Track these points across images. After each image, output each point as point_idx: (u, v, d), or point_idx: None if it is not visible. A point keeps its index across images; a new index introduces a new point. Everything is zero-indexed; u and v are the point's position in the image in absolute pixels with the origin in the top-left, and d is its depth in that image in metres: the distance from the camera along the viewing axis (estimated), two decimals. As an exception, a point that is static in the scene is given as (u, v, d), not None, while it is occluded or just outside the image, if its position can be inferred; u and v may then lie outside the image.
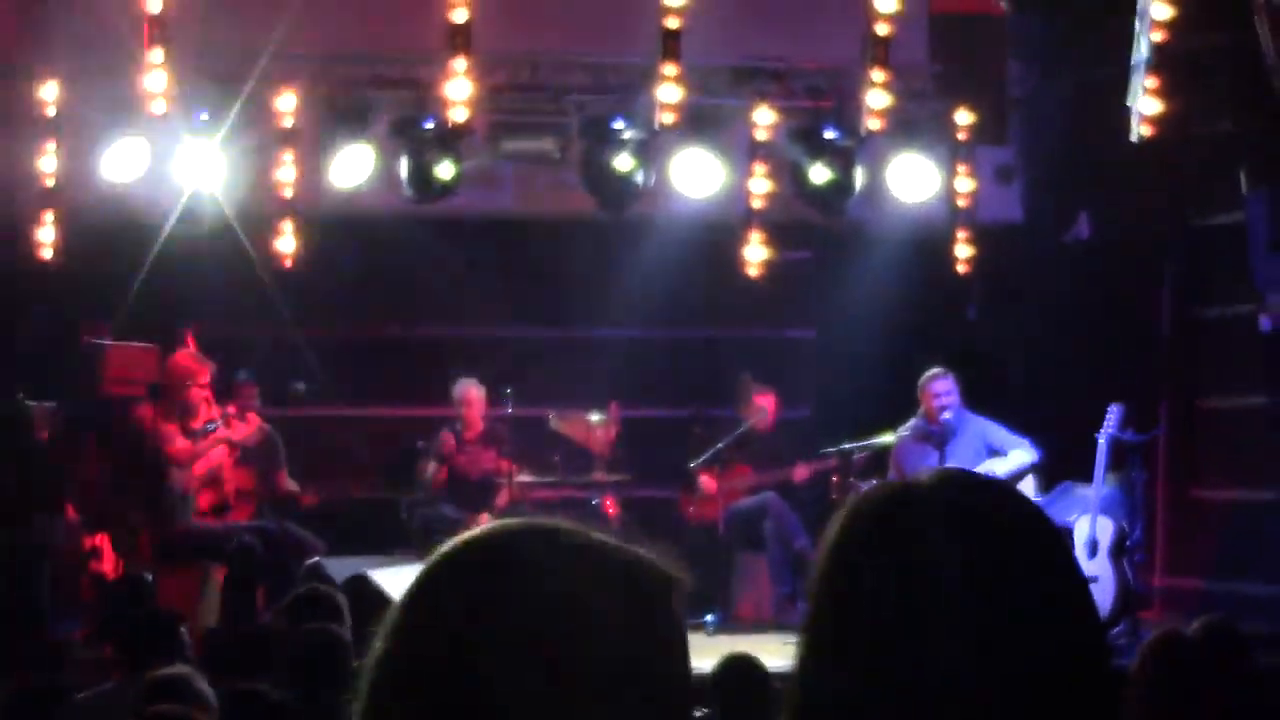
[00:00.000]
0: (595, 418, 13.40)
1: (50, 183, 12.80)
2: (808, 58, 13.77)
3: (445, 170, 12.99)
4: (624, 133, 13.21)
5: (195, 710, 5.56)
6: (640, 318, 14.32)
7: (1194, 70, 12.49)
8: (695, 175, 13.37)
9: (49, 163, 12.75)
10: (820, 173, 13.48)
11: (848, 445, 12.71)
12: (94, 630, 10.72)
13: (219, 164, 12.63)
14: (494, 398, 13.47)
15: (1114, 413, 12.02)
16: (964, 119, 13.72)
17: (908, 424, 12.62)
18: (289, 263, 13.19)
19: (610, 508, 13.28)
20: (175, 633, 7.45)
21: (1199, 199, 13.73)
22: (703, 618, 12.32)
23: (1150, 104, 12.34)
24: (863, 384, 13.50)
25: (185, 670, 6.20)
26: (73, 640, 11.13)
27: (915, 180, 13.60)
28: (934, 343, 13.34)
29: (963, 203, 13.84)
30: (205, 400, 12.37)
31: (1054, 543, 1.86)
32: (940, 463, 12.12)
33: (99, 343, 12.90)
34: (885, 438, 12.60)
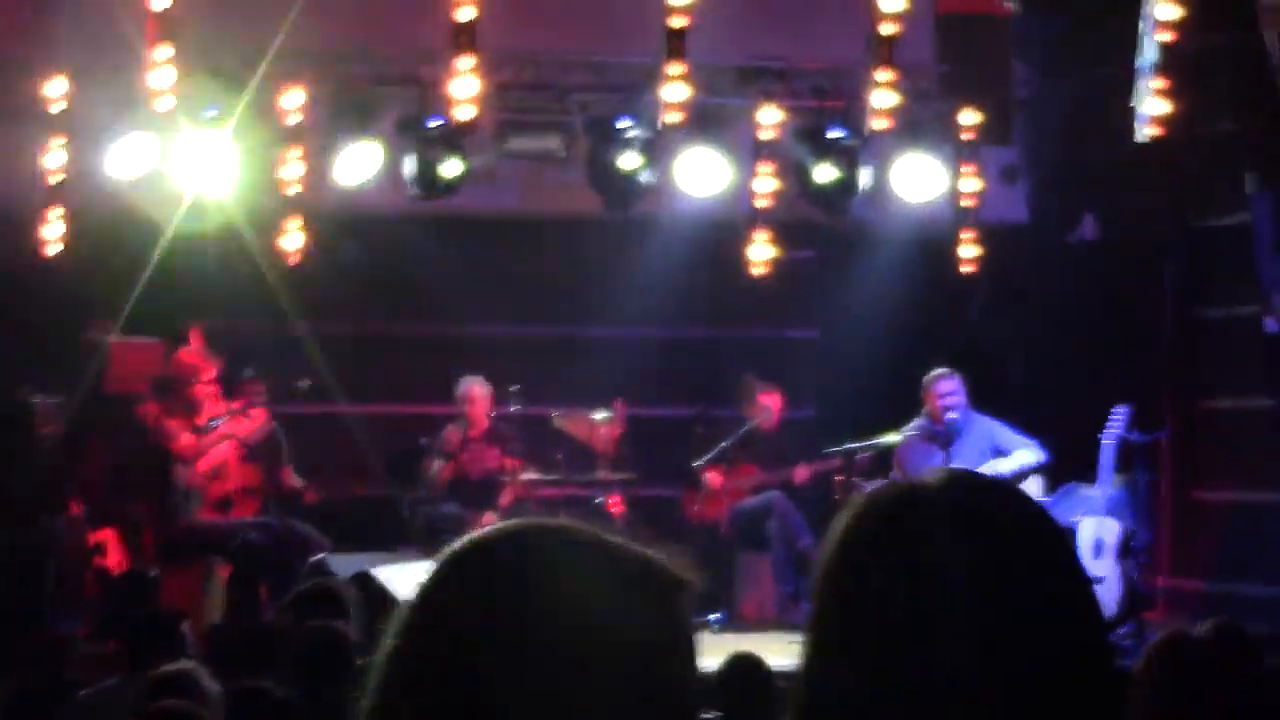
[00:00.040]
0: (599, 416, 13.38)
1: (56, 179, 12.80)
2: (813, 57, 13.78)
3: (450, 168, 12.99)
4: (629, 131, 13.21)
5: (199, 706, 5.56)
6: (644, 316, 14.30)
7: (1199, 71, 12.49)
8: (700, 174, 13.36)
9: (55, 159, 12.75)
10: (825, 172, 13.48)
11: (852, 445, 12.69)
12: (98, 627, 10.71)
13: (225, 161, 12.63)
14: (498, 396, 13.47)
15: (1120, 413, 12.02)
16: (969, 119, 13.71)
17: (912, 424, 12.61)
18: (294, 260, 13.20)
19: (614, 506, 13.27)
20: (176, 630, 7.46)
21: (1203, 200, 13.73)
22: (706, 616, 12.32)
23: (1155, 104, 12.34)
24: (867, 384, 13.49)
25: (189, 666, 6.20)
26: (76, 637, 11.11)
27: (920, 180, 13.60)
28: (938, 343, 13.34)
29: (967, 203, 13.84)
30: (210, 397, 12.38)
31: (1059, 543, 1.87)
32: (945, 463, 12.12)
33: (104, 339, 12.91)
34: (889, 438, 12.58)
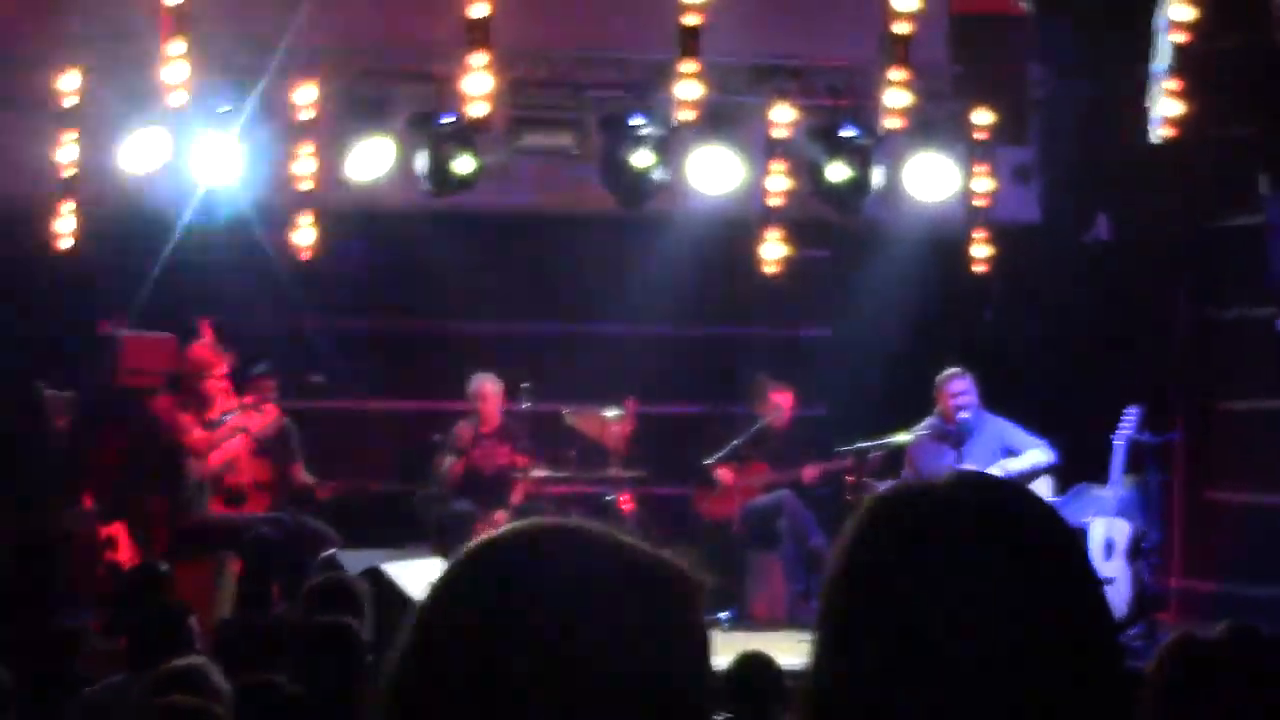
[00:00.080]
0: (611, 414, 13.37)
1: (69, 173, 12.80)
2: (827, 56, 13.77)
3: (463, 165, 12.99)
4: (642, 129, 13.20)
5: (209, 702, 5.56)
6: (656, 314, 14.30)
7: (1214, 72, 12.47)
8: (713, 172, 13.35)
9: (67, 153, 12.76)
10: (838, 171, 13.46)
11: (863, 444, 12.67)
12: (109, 622, 10.72)
13: (237, 156, 12.64)
14: (510, 393, 13.47)
15: (1132, 414, 12.01)
16: (983, 119, 13.69)
17: (924, 423, 12.61)
18: (306, 255, 13.21)
19: (625, 504, 13.26)
20: (183, 625, 7.43)
21: (1218, 201, 13.70)
22: (717, 614, 12.32)
23: (1170, 106, 12.32)
24: (878, 383, 13.49)
25: (199, 662, 6.19)
26: (87, 631, 11.12)
27: (933, 180, 13.58)
28: (950, 342, 13.32)
29: (980, 203, 13.82)
30: (222, 391, 12.38)
31: (1069, 544, 1.87)
32: (957, 462, 12.11)
33: (116, 333, 12.92)
34: (901, 437, 12.57)
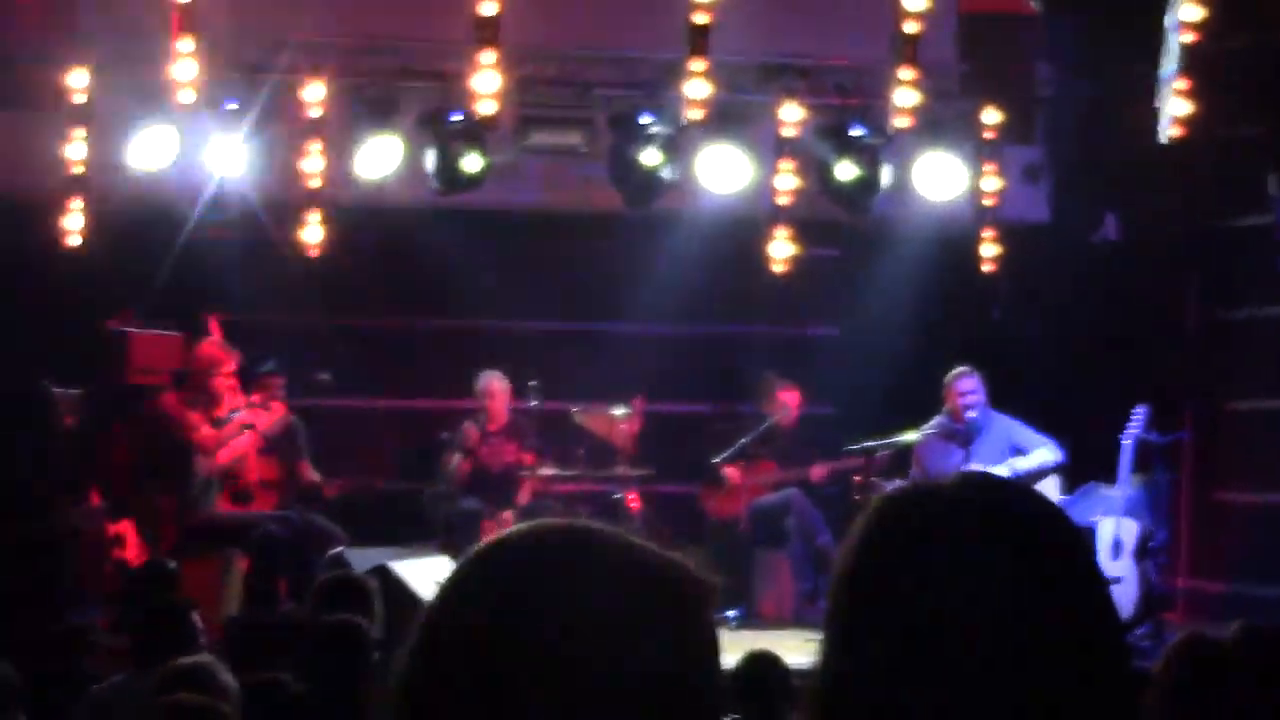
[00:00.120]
0: (618, 412, 13.35)
1: (78, 170, 12.82)
2: (835, 55, 13.76)
3: (472, 163, 12.99)
4: (651, 128, 13.20)
5: (216, 700, 5.56)
6: (665, 313, 14.29)
7: (1222, 72, 12.46)
8: (722, 171, 13.35)
9: (77, 150, 12.78)
10: (846, 170, 13.46)
11: (871, 443, 12.65)
12: (116, 618, 10.72)
13: (246, 153, 12.66)
14: (518, 391, 13.47)
15: (1140, 413, 12.00)
16: (991, 118, 13.69)
17: (932, 422, 12.59)
18: (315, 253, 13.22)
19: (632, 502, 13.26)
20: (186, 622, 7.41)
21: (1226, 200, 13.69)
22: (724, 613, 12.31)
23: (1179, 105, 12.31)
24: (886, 382, 13.46)
25: (206, 660, 6.20)
26: (94, 628, 11.12)
27: (941, 179, 13.58)
28: (958, 341, 13.30)
29: (989, 202, 13.82)
30: (230, 389, 12.38)
31: (1075, 544, 1.87)
32: (965, 462, 12.11)
33: (124, 330, 12.92)
34: (909, 436, 12.55)
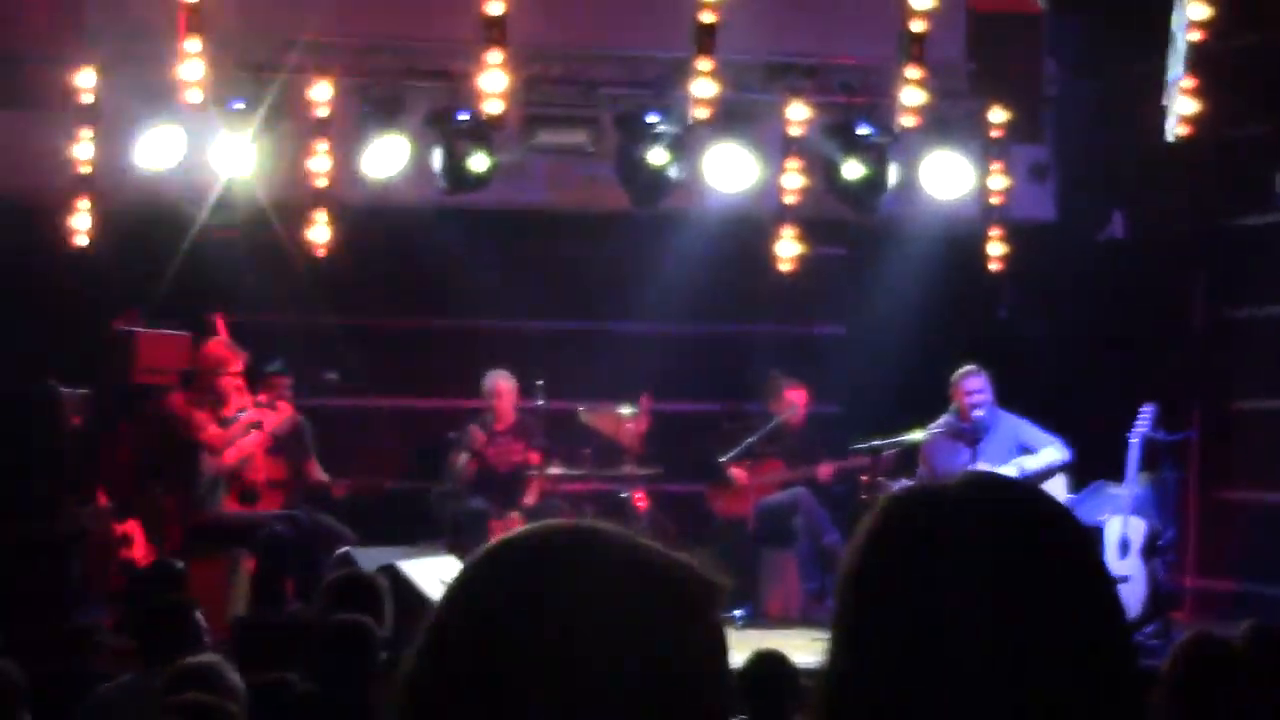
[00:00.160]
0: (626, 411, 13.35)
1: (85, 170, 12.84)
2: (842, 54, 13.77)
3: (478, 163, 13.00)
4: (657, 127, 13.20)
5: (223, 700, 5.56)
6: (671, 312, 14.29)
7: (1229, 71, 12.45)
8: (728, 170, 13.36)
9: (84, 150, 12.79)
10: (853, 169, 13.46)
11: (878, 442, 12.64)
12: (121, 618, 10.73)
13: (253, 153, 12.66)
14: (525, 390, 13.46)
15: (1147, 412, 11.98)
16: (998, 116, 13.68)
17: (939, 421, 12.58)
18: (322, 253, 13.23)
19: (639, 502, 13.26)
20: (189, 621, 7.41)
21: (1233, 199, 13.68)
22: (731, 612, 12.30)
23: (1185, 104, 12.30)
24: (893, 381, 13.46)
25: (214, 659, 6.19)
26: (100, 628, 11.14)
27: (948, 177, 13.58)
28: (965, 340, 13.29)
29: (996, 200, 13.82)
30: (237, 389, 12.38)
31: (1081, 544, 1.86)
32: (972, 460, 12.10)
33: (131, 330, 12.93)
34: (916, 435, 12.54)
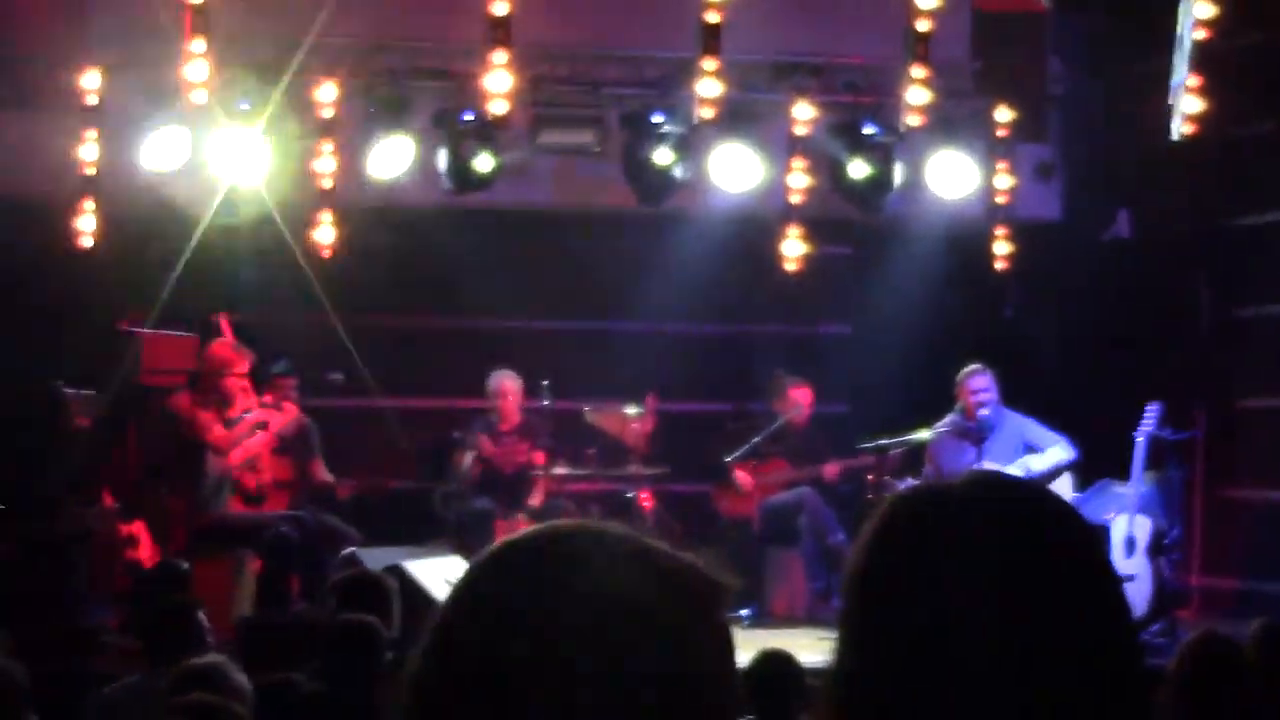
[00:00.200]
0: (631, 411, 13.35)
1: (90, 171, 12.85)
2: (848, 53, 13.76)
3: (484, 163, 13.01)
4: (663, 127, 13.21)
5: (229, 700, 5.56)
6: (677, 312, 14.31)
7: (1234, 69, 12.44)
8: (734, 170, 13.36)
9: (89, 151, 12.80)
10: (859, 168, 13.47)
11: (884, 441, 12.64)
12: (127, 619, 10.74)
13: (258, 154, 12.66)
14: (530, 390, 13.46)
15: (1153, 411, 11.97)
16: (1004, 116, 13.68)
17: (945, 420, 12.57)
18: (327, 253, 13.24)
19: (645, 501, 13.26)
20: (193, 622, 7.41)
21: (1238, 198, 13.66)
22: (737, 612, 12.29)
23: (1191, 102, 12.29)
24: (899, 380, 13.47)
25: (219, 660, 6.20)
26: (105, 629, 11.15)
27: (954, 177, 13.58)
28: (971, 339, 13.28)
29: (1001, 200, 13.82)
30: (242, 390, 12.38)
31: (1088, 542, 1.86)
32: (977, 459, 12.09)
33: (137, 331, 12.93)
34: (922, 434, 12.53)
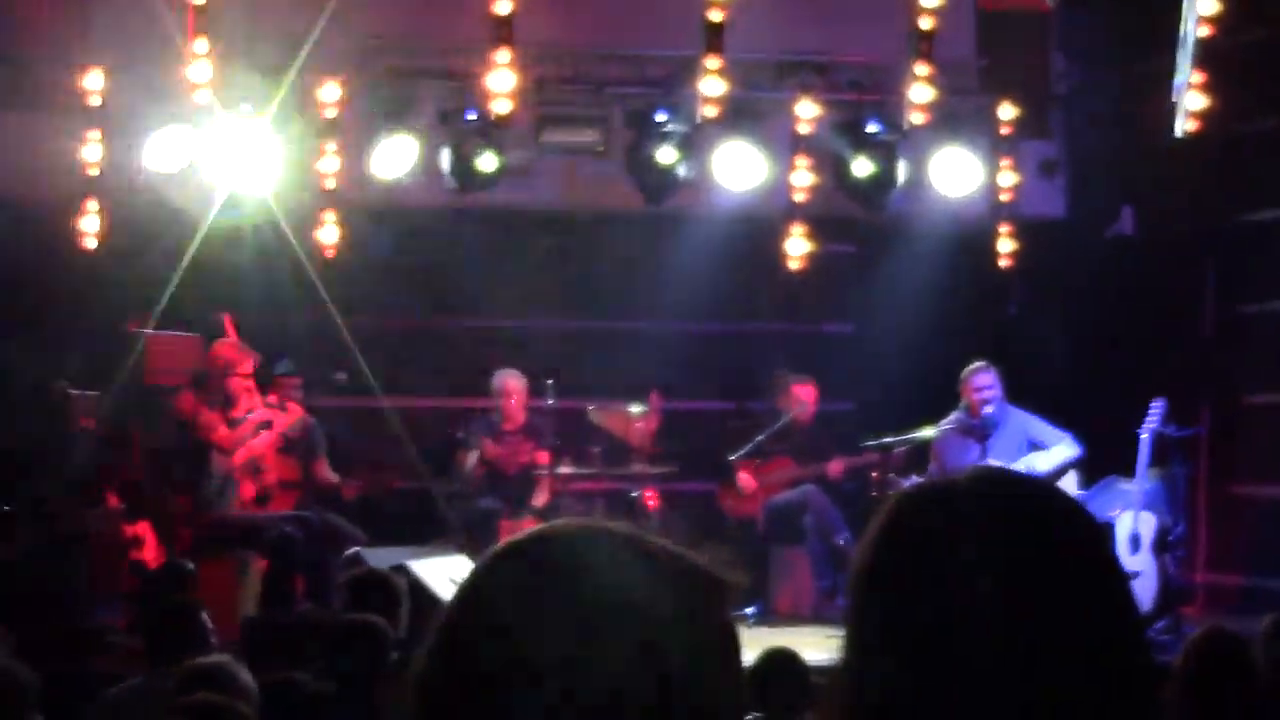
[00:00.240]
0: (635, 410, 13.34)
1: (93, 171, 12.85)
2: (851, 51, 13.76)
3: (487, 162, 13.01)
4: (666, 125, 13.21)
5: (235, 700, 5.56)
6: (681, 310, 14.31)
7: (1238, 66, 12.43)
8: (737, 168, 13.35)
9: (92, 151, 12.81)
10: (862, 166, 13.46)
11: (888, 439, 12.64)
12: (133, 619, 10.74)
13: (262, 154, 12.66)
14: (534, 389, 13.45)
15: (1157, 407, 11.97)
16: (1007, 113, 13.68)
17: (949, 418, 12.57)
18: (331, 253, 13.23)
19: (650, 500, 13.25)
20: (196, 622, 7.41)
21: (1242, 194, 13.65)
22: (742, 610, 12.28)
23: (1195, 99, 12.28)
24: (903, 378, 13.46)
25: (225, 660, 6.20)
26: (111, 629, 11.15)
27: (958, 174, 13.57)
28: (975, 337, 13.28)
29: (1005, 197, 13.81)
30: (246, 390, 12.38)
31: (1093, 539, 1.86)
32: (982, 457, 12.10)
33: (141, 331, 12.94)
34: (926, 432, 12.53)
